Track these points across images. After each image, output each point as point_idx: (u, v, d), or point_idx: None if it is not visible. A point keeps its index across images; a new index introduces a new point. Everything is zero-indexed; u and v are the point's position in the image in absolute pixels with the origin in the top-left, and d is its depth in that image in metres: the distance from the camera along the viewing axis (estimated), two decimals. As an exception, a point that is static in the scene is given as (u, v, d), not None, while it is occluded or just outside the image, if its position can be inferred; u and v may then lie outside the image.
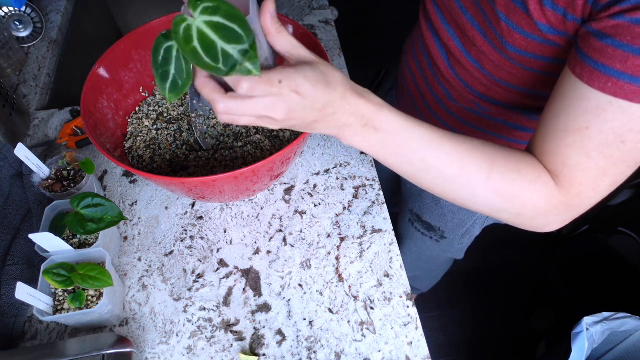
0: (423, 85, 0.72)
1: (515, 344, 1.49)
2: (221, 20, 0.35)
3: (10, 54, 0.92)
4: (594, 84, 0.40)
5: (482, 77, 0.60)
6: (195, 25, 0.35)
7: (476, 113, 0.66)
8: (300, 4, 1.06)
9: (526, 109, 0.61)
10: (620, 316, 1.01)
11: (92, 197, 0.60)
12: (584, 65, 0.41)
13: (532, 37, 0.47)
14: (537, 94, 0.57)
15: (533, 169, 0.47)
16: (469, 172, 0.46)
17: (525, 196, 0.47)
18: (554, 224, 0.49)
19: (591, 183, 0.44)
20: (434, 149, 0.46)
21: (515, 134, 0.66)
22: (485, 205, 0.49)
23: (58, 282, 0.56)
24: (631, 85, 0.38)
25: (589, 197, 0.46)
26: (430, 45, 0.66)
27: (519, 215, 0.49)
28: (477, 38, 0.55)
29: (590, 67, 0.40)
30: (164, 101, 0.75)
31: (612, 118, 0.40)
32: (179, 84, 0.40)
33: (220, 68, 0.36)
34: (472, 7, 0.54)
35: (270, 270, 0.68)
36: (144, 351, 0.62)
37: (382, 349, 0.61)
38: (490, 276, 1.62)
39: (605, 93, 0.40)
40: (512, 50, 0.51)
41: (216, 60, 0.35)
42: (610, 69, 0.39)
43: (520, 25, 0.47)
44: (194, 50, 0.35)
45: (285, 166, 0.65)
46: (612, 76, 0.39)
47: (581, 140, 0.43)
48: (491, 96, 0.62)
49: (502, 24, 0.49)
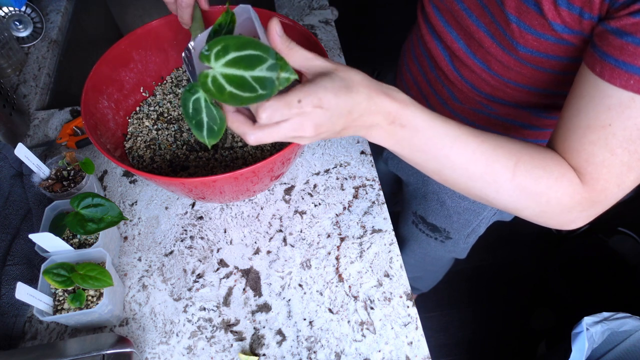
0: (426, 87, 0.72)
1: (515, 344, 1.49)
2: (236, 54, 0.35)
3: (10, 54, 0.92)
4: (615, 82, 0.40)
5: (490, 78, 0.59)
6: (218, 73, 0.36)
7: (483, 113, 0.66)
8: (300, 4, 1.06)
9: (535, 107, 0.61)
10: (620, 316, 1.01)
11: (92, 197, 0.60)
12: (604, 63, 0.41)
13: (545, 37, 0.47)
14: (547, 93, 0.57)
15: (559, 166, 0.46)
16: (494, 169, 0.46)
17: (551, 193, 0.46)
18: (578, 220, 0.49)
19: (616, 179, 0.44)
20: (459, 146, 0.46)
21: (523, 133, 0.66)
22: (509, 202, 0.48)
23: (58, 282, 0.56)
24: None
25: (613, 192, 0.46)
26: (432, 49, 0.66)
27: (542, 212, 0.48)
28: (485, 40, 0.55)
29: (611, 65, 0.40)
30: (165, 101, 0.75)
31: (635, 114, 0.40)
32: (215, 130, 0.41)
33: (262, 94, 0.36)
34: (477, 9, 0.54)
35: (270, 270, 0.68)
36: (144, 351, 0.62)
37: (382, 349, 0.61)
38: (490, 276, 1.62)
39: (628, 90, 0.40)
40: (524, 51, 0.51)
41: (254, 90, 0.36)
42: (633, 66, 0.39)
43: (532, 26, 0.47)
44: (232, 95, 0.36)
45: (286, 166, 0.65)
46: (635, 73, 0.39)
47: (605, 138, 0.42)
48: (499, 96, 0.61)
49: (513, 25, 0.49)
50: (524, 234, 1.67)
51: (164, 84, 0.77)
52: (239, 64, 0.35)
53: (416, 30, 0.72)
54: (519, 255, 1.67)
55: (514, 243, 1.67)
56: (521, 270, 1.62)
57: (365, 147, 0.80)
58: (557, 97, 0.56)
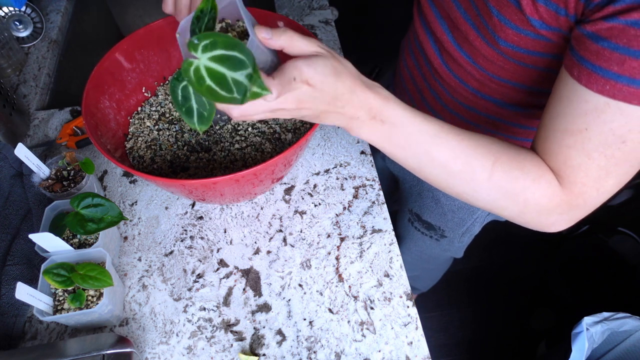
0: (421, 82, 0.72)
1: (515, 344, 1.49)
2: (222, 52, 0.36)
3: (10, 54, 0.92)
4: (592, 87, 0.40)
5: (475, 72, 0.60)
6: (202, 65, 0.37)
7: (473, 110, 0.66)
8: (300, 4, 1.06)
9: (521, 105, 0.62)
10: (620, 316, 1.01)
11: (92, 197, 0.60)
12: (581, 67, 0.41)
13: (525, 33, 0.48)
14: (532, 90, 0.57)
15: (537, 167, 0.47)
16: (472, 167, 0.47)
17: (528, 194, 0.47)
18: (558, 223, 0.49)
19: (594, 183, 0.45)
20: (438, 143, 0.46)
21: (513, 131, 0.66)
22: (487, 201, 0.49)
23: (58, 282, 0.56)
24: (629, 87, 0.38)
25: (592, 197, 0.46)
26: (423, 42, 0.66)
27: (521, 212, 0.49)
28: (470, 32, 0.55)
29: (587, 70, 0.40)
30: (166, 101, 0.75)
31: (611, 119, 0.40)
32: (204, 115, 0.42)
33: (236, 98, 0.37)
34: (464, 1, 0.54)
35: (270, 270, 0.68)
36: (144, 351, 0.62)
37: (382, 349, 0.61)
38: (490, 276, 1.62)
39: (603, 95, 0.40)
40: (505, 45, 0.51)
41: (231, 91, 0.37)
42: (608, 72, 0.39)
43: (512, 21, 0.47)
44: (210, 88, 0.37)
45: (287, 169, 0.65)
46: (610, 78, 0.39)
47: (582, 141, 0.43)
48: (486, 92, 0.62)
49: (495, 18, 0.49)
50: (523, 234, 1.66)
51: (166, 84, 0.77)
52: (224, 62, 0.36)
53: (412, 25, 0.72)
54: (518, 255, 1.67)
55: (514, 243, 1.67)
56: (521, 271, 1.62)
57: (365, 147, 0.80)
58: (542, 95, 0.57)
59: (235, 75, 0.36)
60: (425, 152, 0.47)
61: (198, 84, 0.37)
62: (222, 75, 0.37)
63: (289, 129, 0.70)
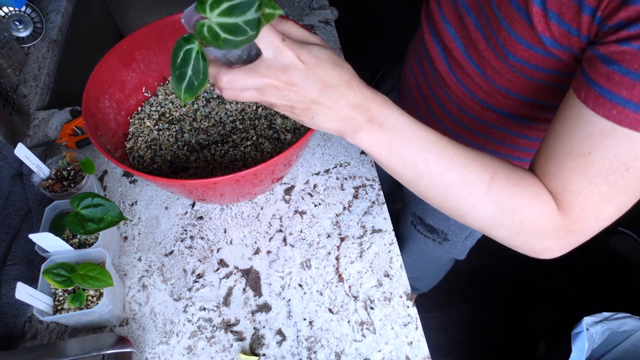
0: (426, 89, 0.72)
1: (515, 344, 1.49)
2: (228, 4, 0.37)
3: (10, 54, 0.92)
4: (598, 110, 0.39)
5: (483, 83, 0.59)
6: (214, 22, 0.37)
7: (478, 120, 0.66)
8: (300, 4, 1.07)
9: (528, 118, 0.61)
10: (620, 316, 1.01)
11: (92, 197, 0.60)
12: (589, 89, 0.40)
13: (535, 49, 0.47)
14: (539, 104, 0.57)
15: (534, 186, 0.46)
16: (470, 180, 0.45)
17: (525, 212, 0.45)
18: (553, 249, 0.48)
19: (593, 210, 0.43)
20: (436, 152, 0.45)
21: (518, 142, 0.66)
22: (483, 219, 0.47)
23: (58, 282, 0.56)
24: (636, 114, 0.37)
25: (590, 223, 0.45)
26: (430, 48, 0.66)
27: (517, 233, 0.47)
28: (480, 42, 0.55)
29: (595, 92, 0.40)
30: (166, 102, 0.75)
31: (616, 144, 0.39)
32: (194, 85, 0.41)
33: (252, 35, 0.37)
34: (475, 8, 0.54)
35: (270, 270, 0.68)
36: (144, 351, 0.62)
37: (382, 349, 0.61)
38: (490, 276, 1.62)
39: (610, 120, 0.39)
40: (514, 60, 0.50)
41: (245, 32, 0.37)
42: (616, 96, 0.38)
43: (522, 37, 0.47)
44: (226, 40, 0.37)
45: (287, 169, 0.65)
46: (618, 103, 0.38)
47: (584, 165, 0.42)
48: (492, 103, 0.61)
49: (504, 32, 0.48)
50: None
51: (166, 84, 0.77)
52: (232, 12, 0.37)
53: (419, 31, 0.72)
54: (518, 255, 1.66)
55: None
56: (521, 271, 1.62)
57: (365, 147, 0.80)
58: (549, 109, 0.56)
59: (247, 16, 0.37)
60: (423, 161, 0.45)
61: (214, 40, 0.37)
62: (234, 25, 0.37)
63: (289, 129, 0.70)
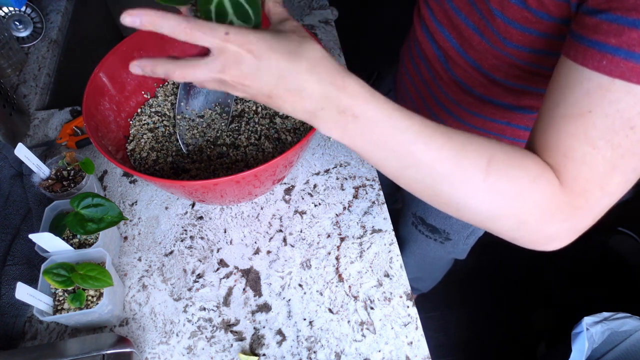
0: (423, 89, 0.72)
1: (515, 344, 1.49)
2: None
3: (10, 54, 0.92)
4: (588, 64, 0.37)
5: (482, 77, 0.59)
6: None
7: (479, 116, 0.66)
8: (300, 4, 1.06)
9: (527, 108, 0.61)
10: (620, 316, 1.01)
11: (92, 197, 0.60)
12: (578, 46, 0.38)
13: (529, 31, 0.47)
14: (540, 92, 0.57)
15: (536, 165, 0.41)
16: (464, 168, 0.40)
17: (527, 196, 0.41)
18: (558, 236, 0.43)
19: (599, 179, 0.39)
20: (423, 141, 0.40)
21: (519, 134, 0.66)
22: (482, 209, 0.42)
23: (58, 282, 0.56)
24: (627, 61, 0.35)
25: (596, 197, 0.40)
26: (426, 49, 0.66)
27: (519, 222, 0.43)
28: (474, 38, 0.55)
29: (584, 47, 0.37)
30: (166, 102, 0.75)
31: (617, 99, 0.36)
32: None
33: None
34: (465, 7, 0.54)
35: (270, 270, 0.68)
36: (144, 351, 0.62)
37: (382, 349, 0.61)
38: (490, 276, 1.62)
39: (600, 72, 0.36)
40: (510, 46, 0.50)
41: None
42: (605, 45, 0.36)
43: (515, 20, 0.47)
44: None
45: (288, 169, 0.65)
46: (607, 52, 0.36)
47: (585, 127, 0.38)
48: (492, 96, 0.61)
49: (498, 20, 0.49)
50: (524, 234, 1.67)
51: (165, 86, 0.77)
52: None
53: (412, 32, 0.72)
54: (519, 255, 1.65)
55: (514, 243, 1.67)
56: (521, 271, 1.62)
57: (365, 147, 0.80)
58: None
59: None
60: (409, 153, 0.40)
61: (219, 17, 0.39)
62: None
63: (289, 129, 0.70)
